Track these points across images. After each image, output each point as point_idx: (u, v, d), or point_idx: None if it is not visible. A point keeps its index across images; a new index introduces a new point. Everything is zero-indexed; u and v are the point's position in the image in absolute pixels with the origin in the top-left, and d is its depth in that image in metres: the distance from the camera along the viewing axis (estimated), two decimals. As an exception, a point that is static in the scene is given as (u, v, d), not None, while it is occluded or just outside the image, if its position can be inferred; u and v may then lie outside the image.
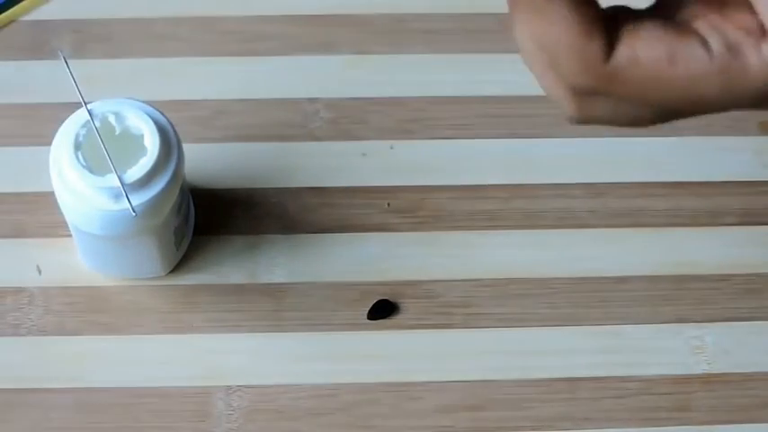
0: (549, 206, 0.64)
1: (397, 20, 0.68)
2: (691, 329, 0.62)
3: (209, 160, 0.64)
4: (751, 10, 0.30)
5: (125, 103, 0.55)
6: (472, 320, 0.61)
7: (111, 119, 0.54)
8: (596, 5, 0.30)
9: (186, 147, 0.56)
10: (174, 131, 0.55)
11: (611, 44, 0.30)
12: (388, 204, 0.64)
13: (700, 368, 0.60)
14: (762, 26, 0.29)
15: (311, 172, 0.64)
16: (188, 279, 0.61)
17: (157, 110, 0.55)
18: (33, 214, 0.62)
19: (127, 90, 0.58)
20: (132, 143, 0.54)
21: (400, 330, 0.61)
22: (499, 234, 0.63)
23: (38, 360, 0.59)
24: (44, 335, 0.60)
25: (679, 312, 0.62)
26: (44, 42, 0.67)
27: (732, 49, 0.29)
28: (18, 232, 0.62)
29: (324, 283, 0.62)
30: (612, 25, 0.30)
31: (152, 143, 0.53)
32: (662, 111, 0.31)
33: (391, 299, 0.61)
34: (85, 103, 0.54)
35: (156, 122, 0.54)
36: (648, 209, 0.64)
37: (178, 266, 0.61)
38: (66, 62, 0.53)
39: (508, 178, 0.65)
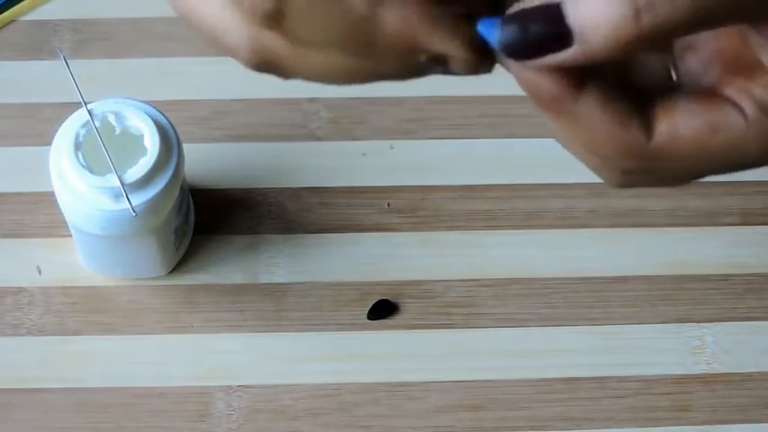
0: (548, 206, 0.64)
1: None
2: (691, 329, 0.62)
3: (209, 160, 0.64)
4: None
5: (125, 103, 0.55)
6: (472, 320, 0.61)
7: (111, 119, 0.54)
8: (626, 93, 0.31)
9: (186, 147, 0.56)
10: (174, 131, 0.55)
11: (648, 124, 0.31)
12: (388, 204, 0.64)
13: (700, 368, 0.60)
14: None
15: (311, 172, 0.64)
16: (188, 279, 0.61)
17: (157, 110, 0.55)
18: (33, 214, 0.62)
19: (127, 90, 0.58)
20: (132, 143, 0.54)
21: (400, 330, 0.61)
22: (499, 234, 0.63)
23: (38, 360, 0.59)
24: (44, 335, 0.60)
25: (679, 312, 0.62)
26: (44, 42, 0.67)
27: (765, 109, 0.30)
28: (18, 232, 0.62)
29: (324, 283, 0.62)
30: (647, 102, 0.31)
31: (152, 143, 0.53)
32: (704, 174, 0.32)
33: (391, 299, 0.61)
34: (85, 103, 0.54)
35: (156, 122, 0.54)
36: (648, 209, 0.64)
37: (178, 266, 0.61)
38: (66, 62, 0.53)
39: (508, 178, 0.65)
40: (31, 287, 0.61)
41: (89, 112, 0.54)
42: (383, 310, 0.61)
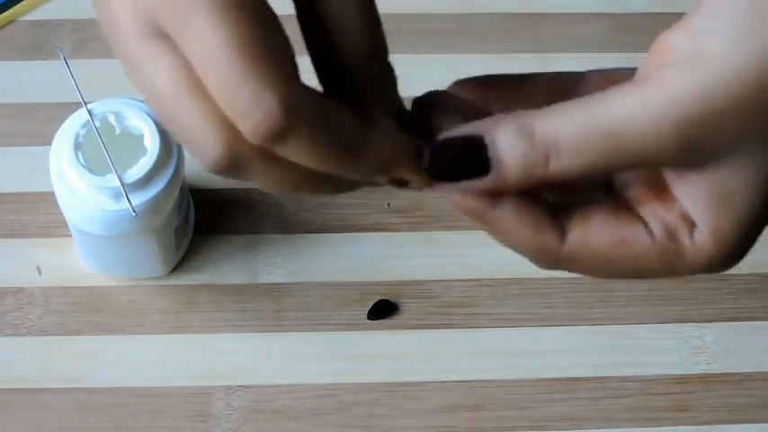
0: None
1: (397, 20, 0.68)
2: (691, 329, 0.62)
3: (209, 160, 0.64)
4: None
5: (125, 103, 0.55)
6: (472, 320, 0.61)
7: (111, 119, 0.54)
8: (544, 202, 0.35)
9: (186, 147, 0.56)
10: (174, 131, 0.55)
11: (563, 230, 0.34)
12: (388, 204, 0.64)
13: (699, 368, 0.60)
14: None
15: (311, 172, 0.64)
16: (188, 279, 0.61)
17: (157, 110, 0.55)
18: (33, 214, 0.62)
19: (127, 90, 0.58)
20: (132, 143, 0.54)
21: (400, 330, 0.61)
22: (499, 234, 0.63)
23: (38, 360, 0.59)
24: (44, 335, 0.60)
25: (679, 312, 0.62)
26: (44, 42, 0.67)
27: (670, 234, 0.34)
28: (18, 232, 0.62)
29: (324, 283, 0.62)
30: (564, 211, 0.35)
31: (152, 143, 0.53)
32: (613, 278, 0.36)
33: (391, 299, 0.61)
34: (85, 103, 0.54)
35: (156, 122, 0.54)
36: (648, 209, 0.64)
37: (178, 266, 0.61)
38: (66, 62, 0.53)
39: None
40: (31, 287, 0.61)
41: (89, 112, 0.54)
42: (383, 310, 0.61)
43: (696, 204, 0.33)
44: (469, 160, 0.33)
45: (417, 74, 0.68)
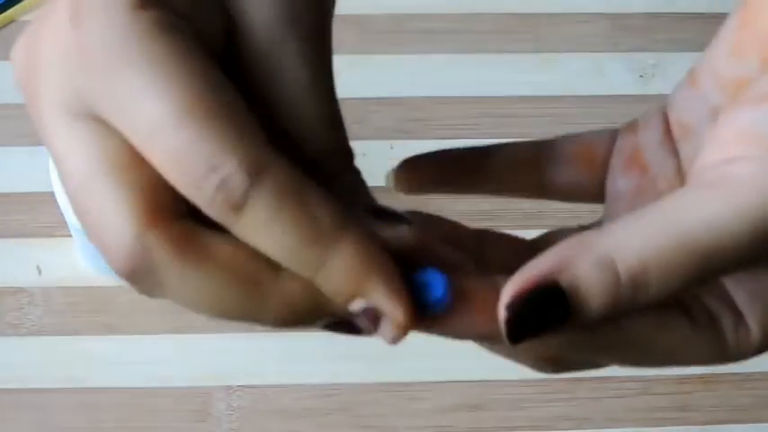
0: (549, 206, 0.64)
1: (397, 20, 0.68)
2: (691, 329, 0.61)
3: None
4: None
5: (125, 103, 0.55)
6: (472, 320, 0.61)
7: (111, 119, 0.54)
8: None
9: (186, 147, 0.56)
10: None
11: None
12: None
13: (700, 368, 0.60)
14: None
15: (311, 172, 0.64)
16: (188, 279, 0.61)
17: (157, 110, 0.55)
18: (33, 214, 0.62)
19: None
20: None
21: (400, 330, 0.61)
22: (499, 234, 0.63)
23: (38, 360, 0.59)
24: (44, 335, 0.60)
25: (679, 312, 0.62)
26: (44, 42, 0.67)
27: (713, 321, 0.31)
28: (18, 232, 0.62)
29: (324, 283, 0.62)
30: None
31: (152, 143, 0.53)
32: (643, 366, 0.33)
33: (391, 299, 0.61)
34: (85, 103, 0.53)
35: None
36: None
37: (178, 266, 0.61)
38: (66, 62, 0.53)
39: (508, 178, 0.65)
40: (31, 287, 0.61)
41: (89, 112, 0.53)
42: (383, 310, 0.61)
43: (751, 300, 0.31)
44: (551, 310, 0.28)
45: (417, 74, 0.68)
